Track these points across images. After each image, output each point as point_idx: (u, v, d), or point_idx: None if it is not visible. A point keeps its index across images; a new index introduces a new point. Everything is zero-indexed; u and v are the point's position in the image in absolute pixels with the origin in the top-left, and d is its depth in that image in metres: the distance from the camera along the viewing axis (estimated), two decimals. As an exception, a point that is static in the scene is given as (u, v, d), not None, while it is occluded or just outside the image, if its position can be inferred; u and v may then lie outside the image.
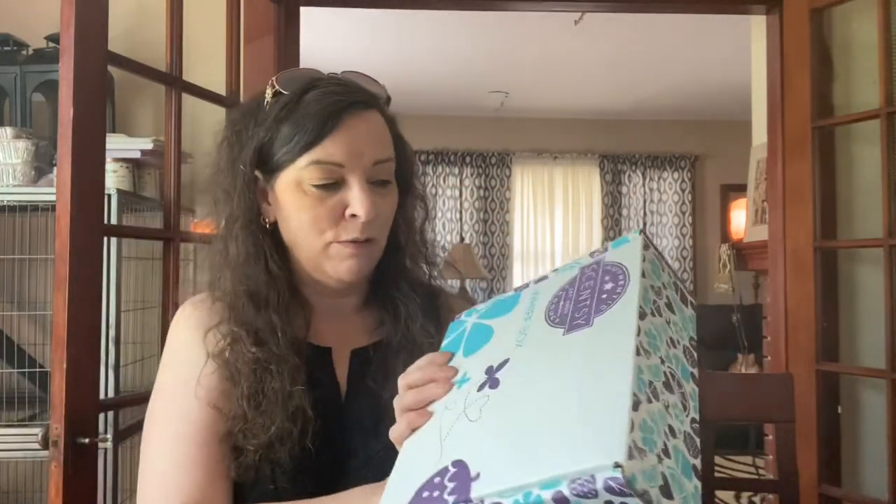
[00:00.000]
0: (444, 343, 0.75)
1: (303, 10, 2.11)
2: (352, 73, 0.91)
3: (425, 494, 0.56)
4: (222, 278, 0.88)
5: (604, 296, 0.62)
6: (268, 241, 0.87)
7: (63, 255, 1.28)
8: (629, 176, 6.32)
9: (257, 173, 0.86)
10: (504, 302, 0.74)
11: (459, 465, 0.56)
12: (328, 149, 0.82)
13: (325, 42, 4.15)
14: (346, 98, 0.83)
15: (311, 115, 0.83)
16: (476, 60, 4.76)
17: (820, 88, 2.03)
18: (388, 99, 0.93)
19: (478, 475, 0.54)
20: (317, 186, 0.83)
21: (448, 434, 0.61)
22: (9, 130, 1.83)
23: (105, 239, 1.43)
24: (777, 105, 2.07)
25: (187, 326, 0.88)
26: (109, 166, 1.75)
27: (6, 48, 1.97)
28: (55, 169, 1.32)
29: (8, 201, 1.78)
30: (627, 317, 0.58)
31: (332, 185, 0.83)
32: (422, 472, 0.59)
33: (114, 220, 1.72)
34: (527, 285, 0.74)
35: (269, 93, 0.87)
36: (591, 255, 0.70)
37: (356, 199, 0.83)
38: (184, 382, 0.84)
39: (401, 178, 0.92)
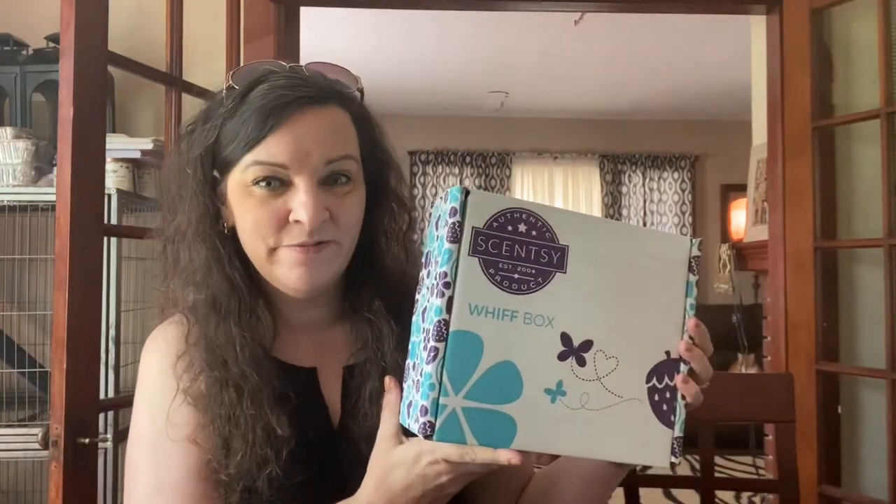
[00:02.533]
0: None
1: (303, 10, 2.11)
2: (319, 63, 0.83)
3: None
4: (178, 290, 0.83)
5: (534, 233, 0.64)
6: (227, 248, 0.81)
7: (63, 255, 1.28)
8: (629, 176, 6.32)
9: (215, 174, 0.80)
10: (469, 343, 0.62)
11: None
12: (270, 148, 0.75)
13: (326, 42, 4.15)
14: (293, 93, 0.76)
15: (254, 110, 0.76)
16: (476, 60, 4.76)
17: (820, 88, 2.03)
18: (361, 91, 0.85)
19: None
20: (258, 187, 0.76)
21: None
22: (9, 130, 1.83)
23: (105, 239, 1.43)
24: (777, 105, 2.07)
25: (157, 354, 0.82)
26: (109, 166, 1.75)
27: (6, 48, 1.97)
28: (55, 169, 1.32)
29: (8, 201, 1.78)
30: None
31: (278, 186, 0.76)
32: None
33: (114, 220, 1.72)
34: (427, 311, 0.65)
35: (224, 87, 0.81)
36: (437, 225, 0.66)
37: (300, 203, 0.75)
38: (159, 427, 0.78)
39: (373, 180, 0.85)
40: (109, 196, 1.71)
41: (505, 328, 0.62)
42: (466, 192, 0.62)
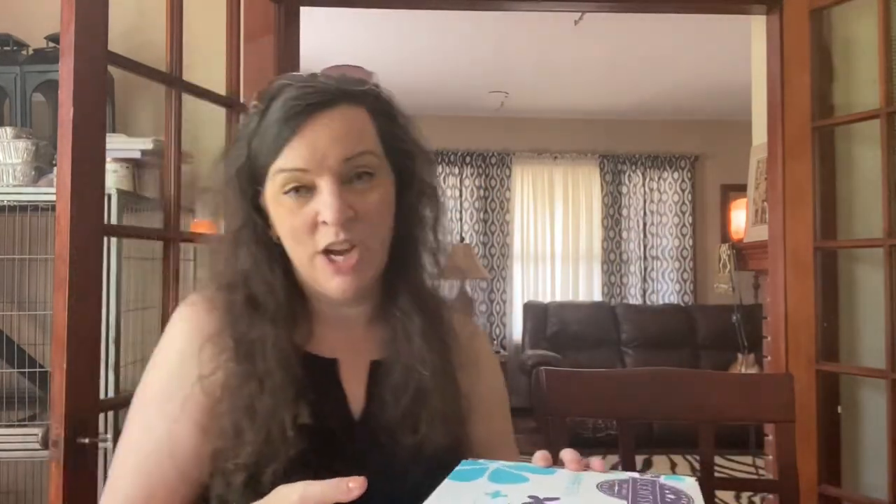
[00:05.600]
0: (459, 470, 0.70)
1: (303, 9, 2.11)
2: (333, 67, 0.88)
3: None
4: (221, 287, 0.86)
5: (667, 501, 0.65)
6: (269, 253, 0.85)
7: (63, 255, 1.28)
8: (629, 176, 6.32)
9: (257, 188, 0.85)
10: (537, 468, 0.72)
11: None
12: (288, 156, 0.80)
13: (326, 42, 4.15)
14: (303, 101, 0.80)
15: (271, 124, 0.81)
16: (476, 60, 4.76)
17: (820, 88, 2.03)
18: (376, 88, 0.89)
19: None
20: (289, 196, 0.82)
21: None
22: (9, 130, 1.83)
23: (105, 239, 1.43)
24: (777, 105, 2.07)
25: (185, 333, 0.85)
26: (109, 166, 1.75)
27: (6, 48, 1.97)
28: (55, 169, 1.32)
29: (8, 201, 1.78)
30: None
31: (305, 193, 0.81)
32: None
33: (114, 220, 1.72)
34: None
35: (251, 106, 0.86)
36: (640, 472, 0.72)
37: (324, 204, 0.80)
38: (164, 394, 0.83)
39: (400, 171, 0.88)
40: (109, 196, 1.71)
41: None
42: None
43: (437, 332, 0.89)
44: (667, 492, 0.66)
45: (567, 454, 0.74)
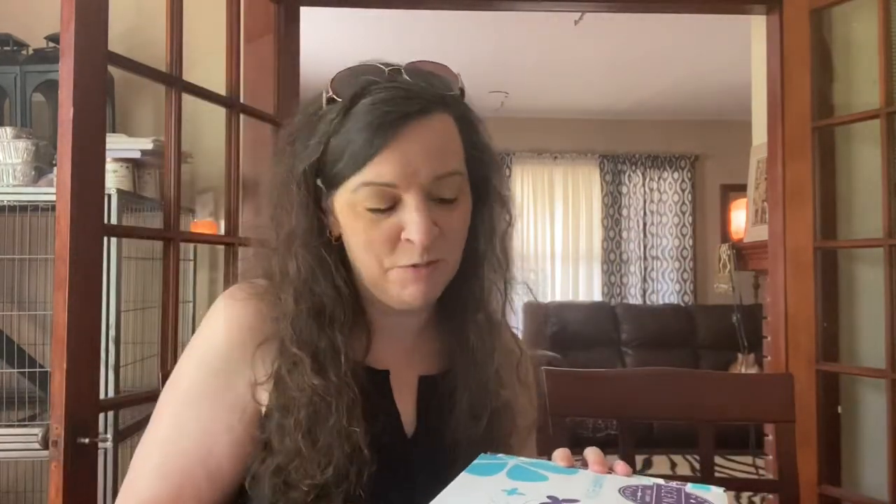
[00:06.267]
0: (477, 464, 0.70)
1: (303, 9, 2.11)
2: (418, 63, 0.83)
3: None
4: (283, 295, 0.79)
5: None
6: (333, 257, 0.79)
7: (63, 255, 1.28)
8: (629, 176, 6.32)
9: (319, 184, 0.79)
10: (558, 467, 0.71)
11: None
12: (378, 168, 0.73)
13: (326, 42, 4.15)
14: (398, 108, 0.74)
15: (359, 129, 0.74)
16: (476, 60, 4.76)
17: (820, 88, 2.03)
18: (462, 92, 0.83)
19: None
20: (370, 210, 0.75)
21: None
22: (9, 130, 1.83)
23: (105, 239, 1.43)
24: (777, 105, 2.07)
25: (233, 332, 0.79)
26: (109, 166, 1.75)
27: (6, 48, 1.97)
28: (55, 169, 1.32)
29: (8, 201, 1.78)
30: None
31: (388, 206, 0.75)
32: None
33: (114, 220, 1.72)
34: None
35: (324, 98, 0.79)
36: (665, 479, 0.71)
37: (412, 222, 0.74)
38: (202, 393, 0.78)
39: (478, 184, 0.83)
40: (109, 196, 1.70)
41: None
42: None
43: (491, 350, 0.85)
44: (692, 501, 0.65)
45: (591, 454, 0.71)
